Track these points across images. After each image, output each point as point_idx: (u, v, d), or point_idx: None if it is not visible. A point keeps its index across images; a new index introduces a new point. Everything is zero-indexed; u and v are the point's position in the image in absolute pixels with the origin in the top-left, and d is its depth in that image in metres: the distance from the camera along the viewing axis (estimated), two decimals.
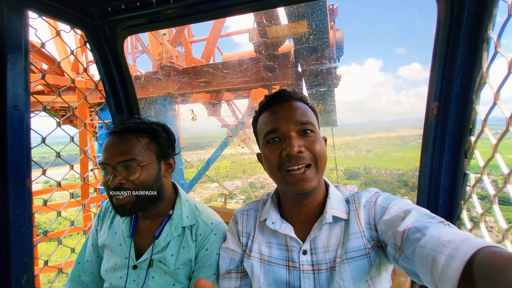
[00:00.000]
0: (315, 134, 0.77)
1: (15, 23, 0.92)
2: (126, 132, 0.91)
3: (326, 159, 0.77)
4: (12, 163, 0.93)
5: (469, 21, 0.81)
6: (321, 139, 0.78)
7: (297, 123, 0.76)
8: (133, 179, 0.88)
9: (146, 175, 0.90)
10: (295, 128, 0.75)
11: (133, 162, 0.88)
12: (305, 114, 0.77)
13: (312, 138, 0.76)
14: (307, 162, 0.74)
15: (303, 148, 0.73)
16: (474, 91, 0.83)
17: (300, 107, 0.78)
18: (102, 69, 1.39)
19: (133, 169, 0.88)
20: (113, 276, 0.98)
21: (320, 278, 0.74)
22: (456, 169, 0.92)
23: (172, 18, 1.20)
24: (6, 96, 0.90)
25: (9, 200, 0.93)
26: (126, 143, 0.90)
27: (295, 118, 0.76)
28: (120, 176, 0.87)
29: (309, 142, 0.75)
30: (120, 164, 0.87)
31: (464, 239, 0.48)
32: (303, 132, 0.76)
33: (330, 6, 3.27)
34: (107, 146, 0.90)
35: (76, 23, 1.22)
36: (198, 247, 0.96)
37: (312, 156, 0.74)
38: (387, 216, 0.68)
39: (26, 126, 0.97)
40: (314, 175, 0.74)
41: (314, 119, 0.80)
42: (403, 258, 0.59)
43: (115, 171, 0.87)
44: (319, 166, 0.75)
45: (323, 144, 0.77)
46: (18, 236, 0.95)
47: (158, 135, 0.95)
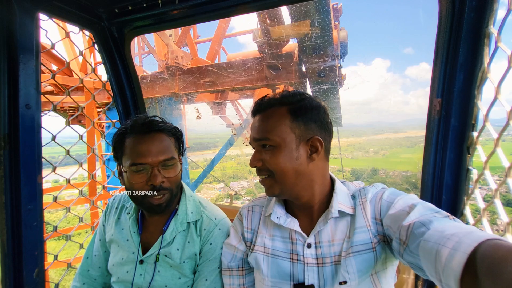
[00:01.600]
0: (273, 147, 0.77)
1: (27, 25, 0.95)
2: (159, 131, 0.93)
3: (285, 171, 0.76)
4: (24, 160, 0.96)
5: (471, 17, 0.81)
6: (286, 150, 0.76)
7: (255, 140, 0.81)
8: (172, 176, 0.92)
9: (180, 172, 0.96)
10: (254, 144, 0.82)
11: (173, 160, 0.92)
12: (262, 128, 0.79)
13: (268, 153, 0.78)
14: (263, 174, 0.81)
15: (259, 163, 0.79)
16: (476, 87, 0.83)
17: (264, 119, 0.81)
18: (110, 69, 1.43)
19: (173, 167, 0.92)
20: (120, 270, 1.00)
21: (324, 271, 0.75)
22: (459, 165, 0.92)
23: (178, 18, 1.22)
24: (19, 95, 0.94)
25: (21, 196, 0.96)
26: (164, 141, 0.92)
27: (255, 135, 0.81)
28: (161, 175, 0.89)
29: (266, 156, 0.78)
30: (162, 163, 0.90)
31: (468, 232, 0.49)
32: (263, 145, 0.79)
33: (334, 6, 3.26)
34: (141, 144, 0.89)
35: (85, 25, 1.25)
36: (203, 241, 0.98)
37: (268, 169, 0.78)
38: (393, 211, 0.69)
39: (37, 125, 1.00)
40: (272, 184, 0.79)
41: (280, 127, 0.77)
42: (408, 252, 0.60)
43: (156, 170, 0.88)
44: (276, 178, 0.78)
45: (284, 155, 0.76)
46: (29, 231, 0.99)
47: (180, 134, 1.01)
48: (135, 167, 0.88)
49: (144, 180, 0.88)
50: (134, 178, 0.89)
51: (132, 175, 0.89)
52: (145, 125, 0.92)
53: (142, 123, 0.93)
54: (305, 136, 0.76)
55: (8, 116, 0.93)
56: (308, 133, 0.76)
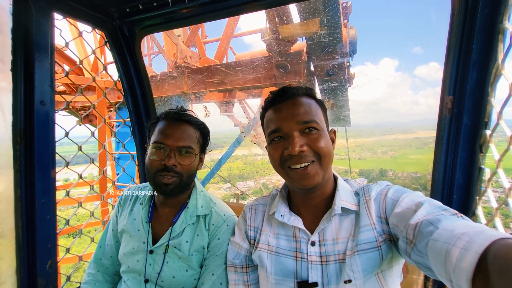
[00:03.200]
0: (319, 132, 0.77)
1: (42, 24, 0.98)
2: (186, 122, 1.02)
3: (331, 155, 0.77)
4: (39, 155, 0.99)
5: (485, 13, 0.79)
6: (326, 135, 0.79)
7: (299, 122, 0.76)
8: (185, 164, 0.98)
9: (193, 163, 1.01)
10: (297, 127, 0.76)
11: (190, 149, 0.99)
12: (308, 112, 0.78)
13: (315, 135, 0.76)
14: (310, 159, 0.75)
15: (305, 147, 0.75)
16: (490, 84, 0.82)
17: (304, 104, 0.79)
18: (121, 68, 1.45)
19: (188, 155, 0.99)
20: (130, 259, 1.03)
21: (328, 270, 0.75)
22: (471, 164, 0.90)
23: (187, 17, 1.24)
24: (34, 92, 0.97)
25: (35, 190, 0.99)
26: (186, 131, 1.00)
27: (297, 117, 0.77)
28: (175, 158, 0.95)
29: (312, 140, 0.76)
30: (180, 148, 0.97)
31: (479, 232, 0.48)
32: (306, 130, 0.77)
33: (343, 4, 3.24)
34: (167, 128, 0.99)
35: (97, 24, 1.28)
36: (211, 236, 1.01)
37: (315, 153, 0.76)
38: (399, 209, 0.68)
39: (51, 121, 1.03)
40: (317, 171, 0.76)
41: (319, 115, 0.80)
42: (416, 252, 0.59)
43: (172, 153, 0.96)
44: (323, 163, 0.76)
45: (328, 140, 0.78)
46: (43, 224, 1.02)
47: (207, 132, 1.08)
48: (156, 144, 0.98)
49: (160, 158, 0.96)
50: (153, 154, 0.98)
51: (152, 152, 0.98)
52: (176, 114, 1.03)
53: (174, 112, 1.04)
54: (327, 128, 0.83)
55: (24, 112, 0.96)
56: (328, 126, 0.83)
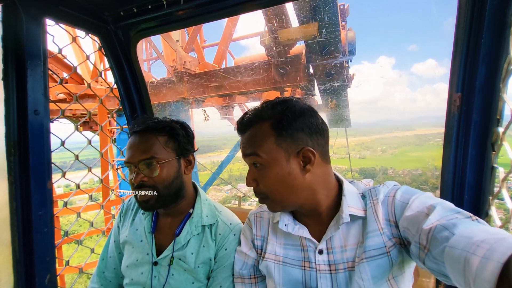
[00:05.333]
0: (263, 165, 0.71)
1: (34, 30, 0.95)
2: (145, 131, 0.95)
3: (280, 191, 0.72)
4: (34, 166, 0.96)
5: (493, 5, 0.76)
6: (273, 167, 0.71)
7: (244, 155, 0.75)
8: (154, 176, 0.91)
9: (166, 172, 0.93)
10: (246, 160, 0.76)
11: (153, 160, 0.91)
12: (250, 144, 0.73)
13: (259, 172, 0.73)
14: (260, 196, 0.75)
15: (254, 183, 0.74)
16: (501, 79, 0.78)
17: (249, 136, 0.75)
18: (117, 73, 1.42)
19: (154, 166, 0.92)
20: (134, 272, 0.99)
21: (338, 278, 0.71)
22: (482, 163, 0.87)
23: (183, 19, 1.20)
24: (27, 101, 0.93)
25: (32, 202, 0.96)
26: (146, 142, 0.93)
27: (243, 151, 0.75)
28: (142, 174, 0.91)
29: (258, 176, 0.74)
30: (142, 162, 0.91)
31: (499, 239, 0.45)
32: (254, 164, 0.74)
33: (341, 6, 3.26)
34: (129, 145, 0.95)
35: (91, 29, 1.25)
36: (218, 246, 0.96)
37: (262, 191, 0.74)
38: (409, 212, 0.64)
39: (46, 130, 1.00)
40: (272, 204, 0.75)
41: (268, 143, 0.71)
42: (430, 258, 0.56)
43: (137, 169, 0.91)
44: (272, 198, 0.74)
45: (275, 174, 0.71)
46: (40, 237, 0.98)
47: (176, 133, 0.98)
48: (126, 165, 0.94)
49: (131, 178, 0.92)
50: (128, 176, 0.95)
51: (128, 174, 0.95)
52: (135, 125, 0.97)
53: (134, 123, 0.98)
54: (294, 149, 0.71)
55: (17, 123, 0.93)
56: (297, 144, 0.70)
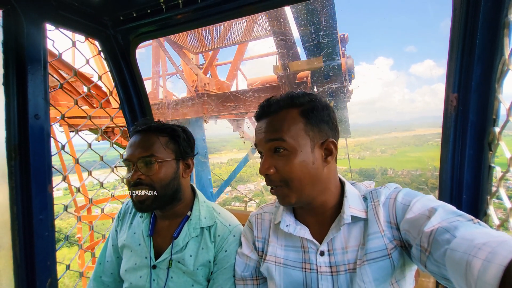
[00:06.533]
0: (289, 152, 0.70)
1: (34, 35, 0.96)
2: (147, 131, 0.96)
3: (301, 179, 0.70)
4: (35, 170, 0.96)
5: (488, 6, 0.77)
6: (301, 154, 0.70)
7: (266, 140, 0.72)
8: (151, 174, 0.91)
9: (164, 171, 0.93)
10: (266, 146, 0.73)
11: (152, 158, 0.91)
12: (276, 129, 0.71)
13: (282, 157, 0.71)
14: (275, 184, 0.73)
15: (272, 169, 0.72)
16: (496, 80, 0.79)
17: (274, 120, 0.73)
18: (116, 76, 1.43)
19: (152, 165, 0.91)
20: (133, 276, 0.99)
21: (339, 280, 0.71)
22: (479, 163, 0.88)
23: (182, 23, 1.22)
24: (28, 106, 0.94)
25: (33, 206, 0.96)
26: (147, 140, 0.94)
27: (266, 136, 0.73)
28: (139, 172, 0.90)
29: (279, 162, 0.71)
30: (140, 160, 0.91)
31: (501, 242, 0.45)
32: (275, 150, 0.72)
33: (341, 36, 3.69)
34: (130, 143, 0.95)
35: (91, 33, 1.26)
36: (217, 248, 0.96)
37: (282, 177, 0.71)
38: (411, 215, 0.64)
39: (46, 134, 1.00)
40: (286, 193, 0.73)
41: (296, 129, 0.71)
42: (432, 261, 0.56)
43: (135, 167, 0.91)
44: (292, 186, 0.71)
45: (302, 160, 0.70)
46: (41, 241, 0.99)
47: (177, 135, 0.98)
48: (125, 163, 0.94)
49: (128, 176, 0.91)
50: (125, 175, 0.94)
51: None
52: (136, 125, 0.99)
53: (137, 124, 1.00)
54: (319, 139, 0.72)
55: (18, 127, 0.93)
56: (321, 135, 0.72)
